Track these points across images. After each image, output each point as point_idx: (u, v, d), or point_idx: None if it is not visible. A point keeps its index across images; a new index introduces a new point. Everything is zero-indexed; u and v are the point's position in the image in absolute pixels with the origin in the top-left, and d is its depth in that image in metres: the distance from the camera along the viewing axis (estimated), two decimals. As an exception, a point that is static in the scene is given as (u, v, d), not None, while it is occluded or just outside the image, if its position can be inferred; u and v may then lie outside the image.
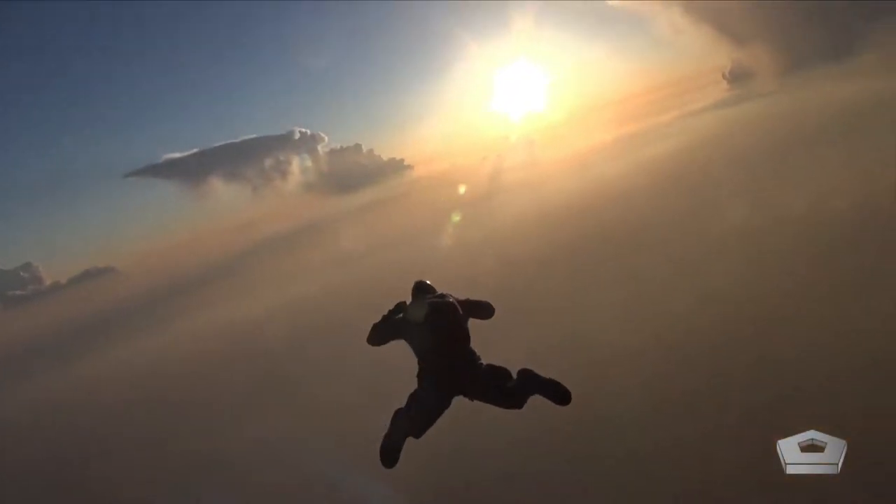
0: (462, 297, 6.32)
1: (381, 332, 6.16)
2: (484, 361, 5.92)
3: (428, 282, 6.38)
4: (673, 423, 17.58)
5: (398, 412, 5.75)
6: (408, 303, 6.27)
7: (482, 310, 6.23)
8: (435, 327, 5.87)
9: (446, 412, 5.77)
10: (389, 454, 5.57)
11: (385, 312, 6.26)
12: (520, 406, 5.63)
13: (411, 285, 6.30)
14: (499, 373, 5.78)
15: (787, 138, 47.44)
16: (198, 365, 43.28)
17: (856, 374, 16.92)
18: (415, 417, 5.63)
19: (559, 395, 5.56)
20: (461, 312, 6.07)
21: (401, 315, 6.14)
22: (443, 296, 6.15)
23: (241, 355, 40.37)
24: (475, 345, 6.05)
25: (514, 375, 5.78)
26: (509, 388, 5.66)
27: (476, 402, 5.88)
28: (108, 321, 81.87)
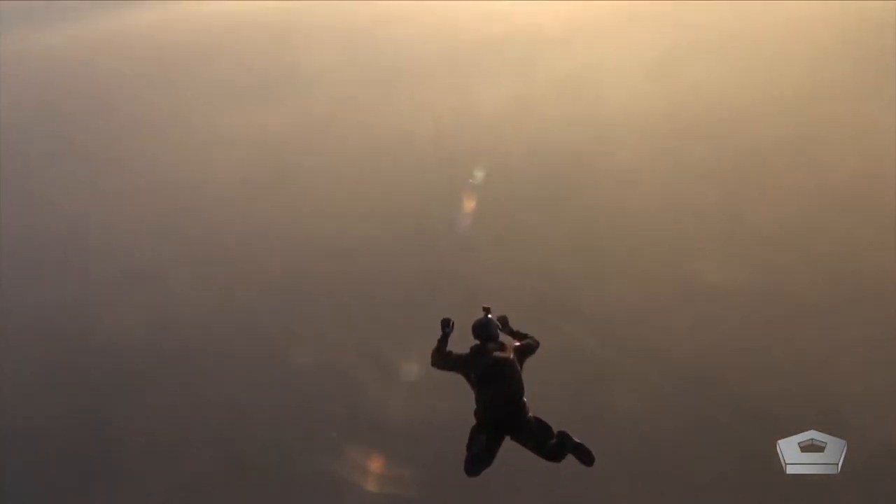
0: (518, 335, 6.68)
1: (442, 364, 6.63)
2: (532, 414, 6.35)
3: (490, 315, 6.64)
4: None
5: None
6: (453, 323, 6.81)
7: (532, 350, 6.66)
8: (493, 384, 6.30)
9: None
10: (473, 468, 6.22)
11: (440, 336, 6.71)
12: (558, 461, 6.23)
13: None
14: (543, 429, 6.28)
15: None
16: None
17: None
18: (472, 457, 6.22)
19: (585, 458, 6.14)
20: (519, 367, 6.40)
21: (458, 356, 6.58)
22: (502, 345, 6.46)
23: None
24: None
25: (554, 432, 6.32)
26: (550, 447, 6.22)
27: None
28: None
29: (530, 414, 6.26)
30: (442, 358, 6.54)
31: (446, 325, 6.70)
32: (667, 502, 9.29)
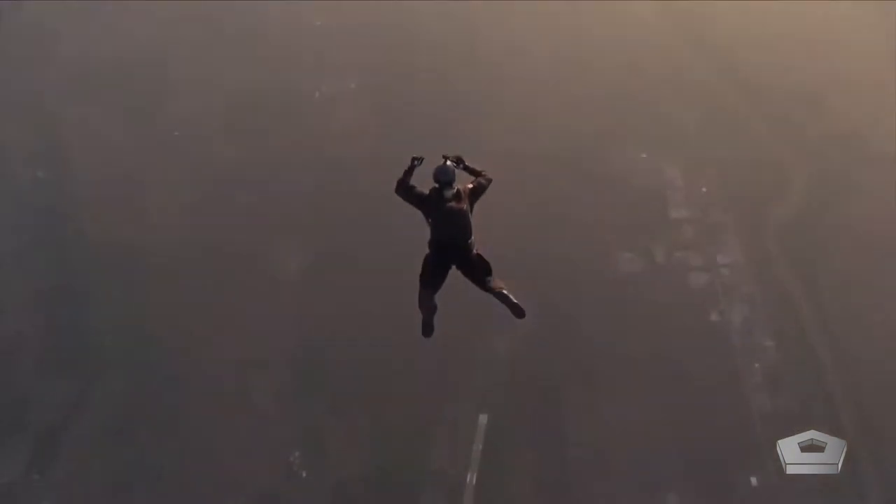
0: (472, 171, 7.27)
1: (403, 194, 7.35)
2: (476, 249, 7.25)
3: (448, 162, 7.23)
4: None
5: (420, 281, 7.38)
6: (423, 159, 7.40)
7: (483, 189, 7.38)
8: (445, 230, 7.14)
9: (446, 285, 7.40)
10: (425, 329, 7.39)
11: (407, 167, 7.37)
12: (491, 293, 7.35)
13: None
14: (484, 267, 7.23)
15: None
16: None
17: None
18: (424, 287, 7.25)
19: (517, 313, 7.19)
20: (470, 214, 7.21)
21: (419, 193, 7.32)
22: (458, 193, 7.14)
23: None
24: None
25: (492, 277, 7.33)
26: (488, 287, 7.23)
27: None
28: None
29: (475, 251, 7.19)
30: (404, 189, 7.30)
31: (415, 160, 7.39)
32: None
